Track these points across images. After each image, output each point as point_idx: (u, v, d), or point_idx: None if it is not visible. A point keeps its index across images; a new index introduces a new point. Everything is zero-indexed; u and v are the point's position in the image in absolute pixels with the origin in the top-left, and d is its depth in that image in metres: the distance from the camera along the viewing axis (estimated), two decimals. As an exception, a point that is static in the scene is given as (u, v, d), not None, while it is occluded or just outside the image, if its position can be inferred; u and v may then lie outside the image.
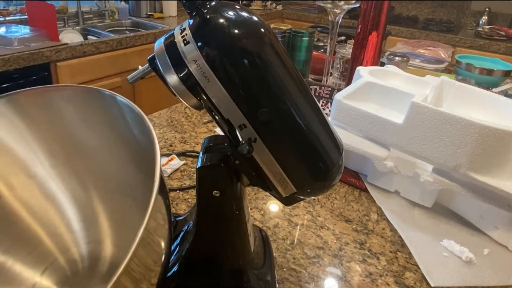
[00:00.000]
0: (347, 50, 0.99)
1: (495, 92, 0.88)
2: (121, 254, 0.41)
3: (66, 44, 1.43)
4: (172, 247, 0.40)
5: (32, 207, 0.41)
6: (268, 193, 0.37)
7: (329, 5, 0.84)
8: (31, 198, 0.41)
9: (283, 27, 1.11)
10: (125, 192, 0.41)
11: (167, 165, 0.65)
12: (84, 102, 0.38)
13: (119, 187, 0.41)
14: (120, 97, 0.35)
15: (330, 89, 0.83)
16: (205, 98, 0.31)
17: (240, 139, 0.32)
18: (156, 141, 0.28)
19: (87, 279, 0.41)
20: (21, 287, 0.37)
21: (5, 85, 1.29)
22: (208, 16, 0.30)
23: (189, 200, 0.58)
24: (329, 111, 0.76)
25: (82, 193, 0.43)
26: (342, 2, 0.83)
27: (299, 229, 0.54)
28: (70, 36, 1.70)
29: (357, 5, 0.84)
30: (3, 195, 0.39)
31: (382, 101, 0.66)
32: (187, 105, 0.33)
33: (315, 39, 1.20)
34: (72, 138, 0.41)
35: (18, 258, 0.39)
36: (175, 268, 0.39)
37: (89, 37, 1.81)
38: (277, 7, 2.72)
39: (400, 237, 0.54)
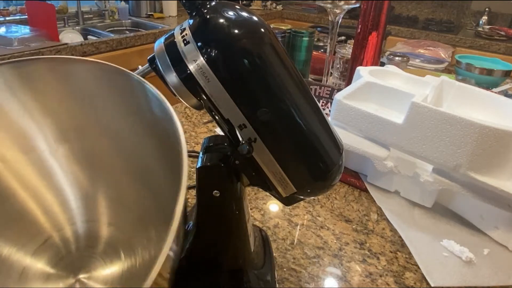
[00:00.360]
0: (347, 50, 0.99)
1: (495, 92, 0.88)
2: (118, 234, 0.41)
3: (66, 44, 1.43)
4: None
5: (28, 183, 0.39)
6: (268, 193, 0.37)
7: (329, 5, 0.84)
8: (27, 173, 0.39)
9: (283, 27, 1.11)
10: (134, 177, 0.39)
11: (167, 165, 0.65)
12: (108, 80, 0.36)
13: (128, 171, 0.40)
14: (149, 85, 0.33)
15: (330, 89, 0.83)
16: (205, 98, 0.31)
17: (240, 139, 0.32)
18: (181, 130, 0.27)
19: (81, 258, 0.40)
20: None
21: (5, 85, 1.29)
22: (208, 16, 0.30)
23: (189, 200, 0.58)
24: (329, 111, 0.76)
25: (84, 172, 0.41)
26: (342, 2, 0.83)
27: (299, 229, 0.54)
28: (70, 36, 1.70)
29: (357, 5, 0.84)
30: None
31: (382, 101, 0.66)
32: (187, 105, 0.33)
33: (315, 39, 1.20)
34: (86, 115, 0.39)
35: (8, 238, 0.38)
36: (175, 268, 0.39)
37: (89, 37, 1.81)
38: (277, 7, 2.72)
39: (400, 237, 0.54)
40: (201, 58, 0.30)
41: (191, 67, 0.30)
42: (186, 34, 0.30)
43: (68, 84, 0.37)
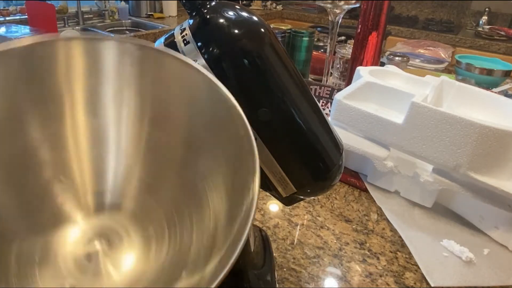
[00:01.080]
0: (347, 50, 0.99)
1: (495, 92, 0.88)
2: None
3: (66, 44, 1.42)
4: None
5: (80, 147, 0.36)
6: (268, 193, 0.37)
7: (329, 5, 0.84)
8: (84, 137, 0.36)
9: (283, 27, 1.11)
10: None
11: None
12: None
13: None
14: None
15: (330, 89, 0.83)
16: (205, 98, 0.31)
17: (240, 139, 0.32)
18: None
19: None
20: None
21: (5, 85, 1.29)
22: (208, 16, 0.30)
23: (189, 200, 0.58)
24: (329, 111, 0.76)
25: (150, 166, 0.36)
26: (342, 2, 0.83)
27: (299, 229, 0.54)
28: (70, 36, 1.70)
29: (357, 5, 0.84)
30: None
31: (382, 101, 0.66)
32: (187, 105, 0.33)
33: (315, 39, 1.20)
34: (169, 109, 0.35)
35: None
36: (175, 268, 0.39)
37: (89, 37, 1.81)
38: (277, 7, 2.72)
39: (400, 237, 0.54)
40: (201, 58, 0.30)
41: (191, 67, 0.30)
42: (186, 34, 0.30)
43: (164, 76, 0.34)
